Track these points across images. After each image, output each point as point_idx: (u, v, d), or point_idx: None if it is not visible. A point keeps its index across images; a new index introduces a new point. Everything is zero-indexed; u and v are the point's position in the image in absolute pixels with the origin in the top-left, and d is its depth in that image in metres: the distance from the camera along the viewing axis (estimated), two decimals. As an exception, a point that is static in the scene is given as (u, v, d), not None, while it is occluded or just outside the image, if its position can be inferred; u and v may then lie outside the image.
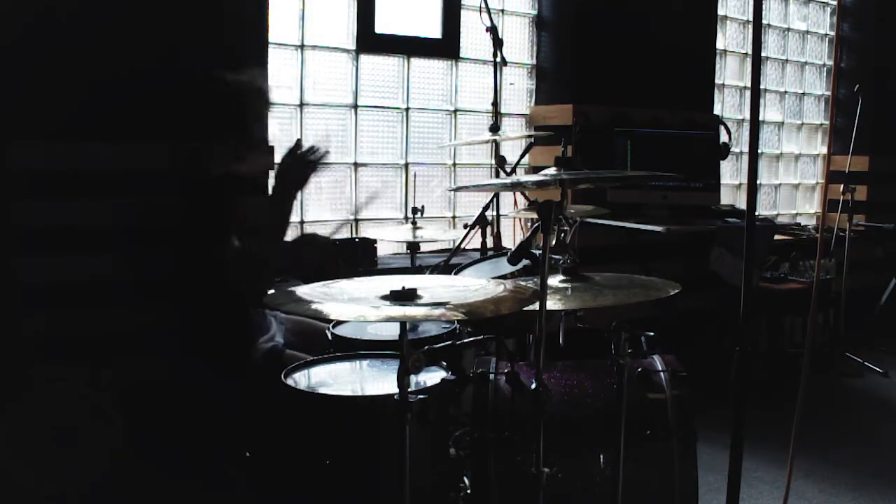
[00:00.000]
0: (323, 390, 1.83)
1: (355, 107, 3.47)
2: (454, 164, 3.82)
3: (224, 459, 2.09)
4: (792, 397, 2.21)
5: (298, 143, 2.30)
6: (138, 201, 2.57)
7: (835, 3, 5.41)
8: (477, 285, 1.67)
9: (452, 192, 3.81)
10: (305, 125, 3.31)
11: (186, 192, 2.20)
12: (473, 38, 3.71)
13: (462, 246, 3.20)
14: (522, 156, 3.44)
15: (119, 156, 2.57)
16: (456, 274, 2.71)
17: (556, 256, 1.92)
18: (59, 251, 2.48)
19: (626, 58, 3.91)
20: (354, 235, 3.47)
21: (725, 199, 4.59)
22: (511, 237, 3.73)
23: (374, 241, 3.25)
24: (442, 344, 1.69)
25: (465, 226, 3.22)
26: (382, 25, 3.46)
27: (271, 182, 2.39)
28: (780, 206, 5.38)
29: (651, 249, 3.72)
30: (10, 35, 2.38)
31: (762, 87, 5.02)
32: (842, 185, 4.52)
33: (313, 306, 1.49)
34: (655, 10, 3.99)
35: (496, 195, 3.30)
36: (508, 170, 3.31)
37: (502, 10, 3.89)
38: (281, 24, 3.16)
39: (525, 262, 1.92)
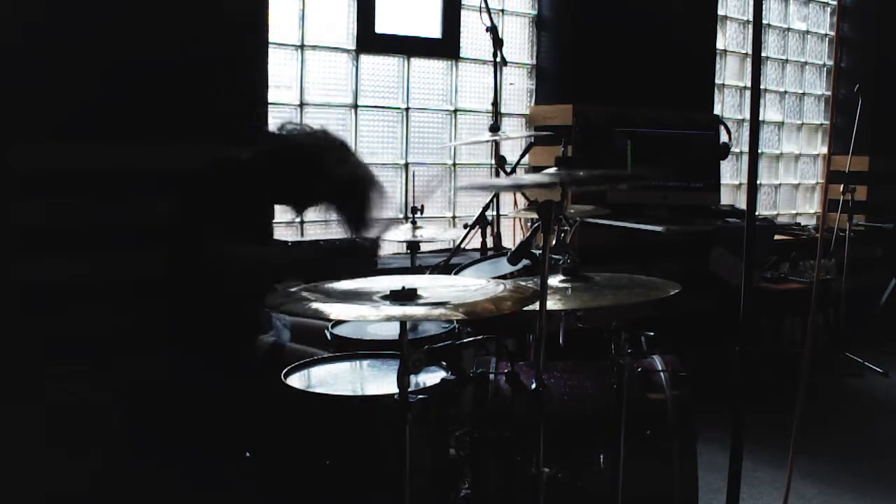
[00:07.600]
0: (323, 390, 1.83)
1: (355, 107, 3.46)
2: (454, 164, 3.82)
3: (224, 459, 2.09)
4: (792, 397, 2.21)
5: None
6: (138, 201, 2.57)
7: (835, 3, 5.40)
8: (477, 285, 1.67)
9: (452, 193, 3.81)
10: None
11: (185, 192, 2.19)
12: (473, 38, 3.71)
13: (462, 246, 3.20)
14: (522, 156, 3.43)
15: (118, 156, 2.57)
16: (456, 274, 2.71)
17: (556, 256, 1.92)
18: (59, 251, 2.48)
19: (626, 58, 3.91)
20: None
21: (725, 199, 4.59)
22: (511, 237, 3.73)
23: (375, 241, 3.24)
24: (442, 344, 1.69)
25: (465, 226, 3.21)
26: (382, 25, 3.45)
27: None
28: (780, 206, 5.37)
29: (651, 249, 3.72)
30: (10, 35, 2.38)
31: (762, 87, 5.02)
32: (842, 185, 4.53)
33: (313, 306, 1.49)
34: (655, 9, 3.98)
35: (496, 195, 3.30)
36: (508, 170, 3.31)
37: (502, 10, 3.89)
38: (281, 24, 3.15)
39: (525, 262, 1.92)
